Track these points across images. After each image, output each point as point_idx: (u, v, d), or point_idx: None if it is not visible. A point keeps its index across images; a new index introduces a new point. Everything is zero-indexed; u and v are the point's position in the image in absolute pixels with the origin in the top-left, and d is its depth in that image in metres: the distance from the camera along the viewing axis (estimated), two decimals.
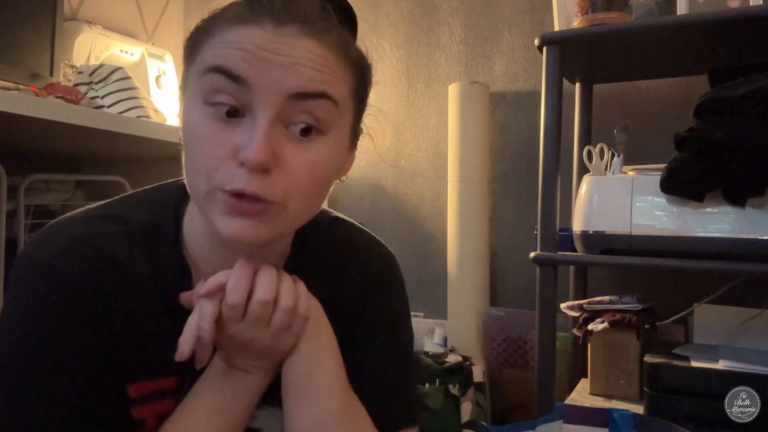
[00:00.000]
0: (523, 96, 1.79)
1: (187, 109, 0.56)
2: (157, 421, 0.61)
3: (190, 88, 0.56)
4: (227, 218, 0.53)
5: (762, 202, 1.09)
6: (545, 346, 1.25)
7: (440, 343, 1.76)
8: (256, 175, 0.52)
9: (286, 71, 0.52)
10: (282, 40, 0.53)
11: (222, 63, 0.52)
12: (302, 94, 0.53)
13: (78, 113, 1.14)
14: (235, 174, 0.52)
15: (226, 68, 0.52)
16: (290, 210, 0.55)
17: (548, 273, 1.25)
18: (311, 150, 0.55)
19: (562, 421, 0.99)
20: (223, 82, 0.52)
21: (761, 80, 1.07)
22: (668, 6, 1.30)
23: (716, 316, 1.36)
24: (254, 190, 0.52)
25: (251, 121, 0.53)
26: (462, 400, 1.55)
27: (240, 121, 0.53)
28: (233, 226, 0.53)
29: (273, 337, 0.59)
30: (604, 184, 1.24)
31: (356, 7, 0.63)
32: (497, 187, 1.81)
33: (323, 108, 0.54)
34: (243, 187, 0.52)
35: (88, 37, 1.62)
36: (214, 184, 0.53)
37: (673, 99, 1.59)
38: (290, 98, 0.53)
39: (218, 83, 0.52)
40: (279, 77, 0.52)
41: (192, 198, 0.59)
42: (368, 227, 0.78)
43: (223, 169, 0.52)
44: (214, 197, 0.53)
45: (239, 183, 0.52)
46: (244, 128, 0.53)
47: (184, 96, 0.57)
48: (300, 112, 0.54)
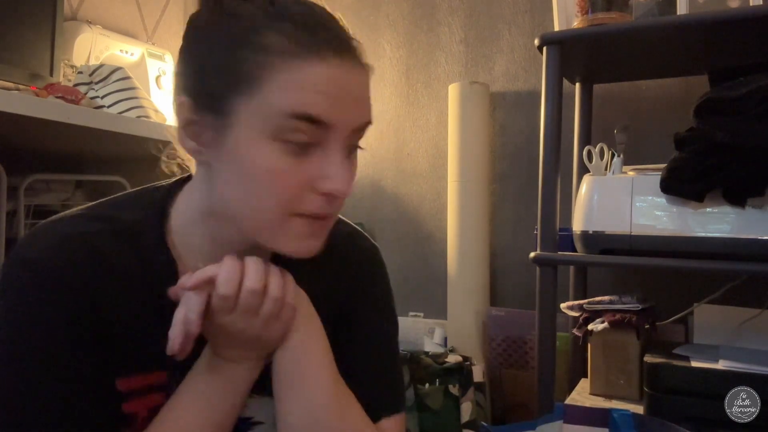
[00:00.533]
0: (523, 96, 1.79)
1: (248, 144, 0.56)
2: (148, 414, 0.62)
3: (245, 120, 0.55)
4: (304, 240, 0.59)
5: (762, 202, 1.09)
6: (545, 346, 1.25)
7: (440, 343, 1.76)
8: (333, 200, 0.58)
9: (356, 108, 0.58)
10: (349, 74, 0.57)
11: (308, 110, 0.54)
12: (363, 127, 0.60)
13: (78, 113, 1.14)
14: (313, 200, 0.57)
15: (314, 116, 0.55)
16: (332, 221, 0.62)
17: (548, 273, 1.25)
18: (353, 166, 0.62)
19: (562, 421, 0.99)
20: (305, 127, 0.55)
21: (761, 80, 1.07)
22: (668, 6, 1.30)
23: (716, 316, 1.36)
24: (330, 212, 0.59)
25: (324, 154, 0.57)
26: (462, 400, 1.55)
27: (311, 152, 0.57)
28: (309, 245, 0.59)
29: (263, 326, 0.60)
30: (604, 184, 1.24)
31: (356, 7, 0.63)
32: (497, 187, 1.81)
33: (366, 130, 0.61)
34: (325, 212, 0.58)
35: (88, 37, 1.62)
36: (291, 211, 0.57)
37: (673, 99, 1.59)
38: (356, 130, 0.59)
39: (301, 127, 0.55)
40: (352, 116, 0.58)
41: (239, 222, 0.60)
42: (368, 227, 0.80)
43: (301, 198, 0.57)
44: (287, 223, 0.58)
45: (321, 209, 0.58)
46: (319, 161, 0.57)
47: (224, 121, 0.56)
48: (356, 139, 0.60)
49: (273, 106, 0.54)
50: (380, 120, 2.01)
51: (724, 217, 1.12)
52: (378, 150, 2.01)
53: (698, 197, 1.12)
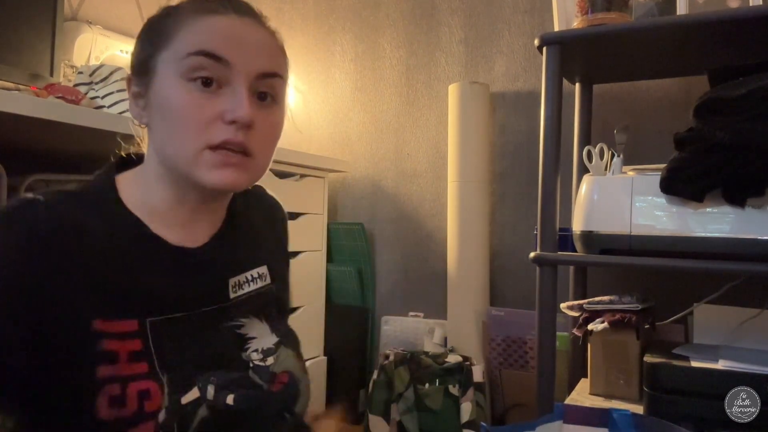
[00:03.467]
0: (523, 96, 1.79)
1: (163, 86, 0.65)
2: (128, 358, 0.63)
3: (162, 70, 0.66)
4: (217, 171, 0.65)
5: (762, 202, 1.09)
6: (545, 346, 1.25)
7: (440, 343, 1.76)
8: (241, 131, 0.65)
9: (256, 54, 0.67)
10: (246, 27, 0.68)
11: (205, 47, 0.64)
12: (267, 74, 0.68)
13: (78, 113, 1.14)
14: (222, 130, 0.65)
15: (210, 51, 0.64)
16: (259, 163, 0.69)
17: (548, 273, 1.25)
18: (272, 115, 0.70)
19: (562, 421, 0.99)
20: (206, 62, 0.64)
21: (761, 80, 1.07)
22: (668, 6, 1.30)
23: (716, 316, 1.36)
24: (241, 140, 0.65)
25: (230, 91, 0.65)
26: (462, 400, 1.55)
27: (218, 91, 0.65)
28: (222, 175, 0.65)
29: None
30: (604, 184, 1.24)
31: (356, 7, 0.65)
32: (497, 187, 1.81)
33: (277, 84, 0.70)
34: (232, 137, 0.64)
35: (88, 37, 1.62)
36: (202, 143, 0.64)
37: (673, 99, 1.59)
38: (258, 76, 0.67)
39: (202, 63, 0.64)
40: (251, 59, 0.67)
41: (170, 162, 0.67)
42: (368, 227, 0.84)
43: (210, 129, 0.64)
44: (201, 156, 0.65)
45: (227, 135, 0.64)
46: (225, 98, 0.65)
47: (150, 77, 0.67)
48: (263, 86, 0.68)
49: (179, 51, 0.65)
50: (380, 120, 2.01)
51: (724, 217, 1.12)
52: (378, 150, 2.01)
53: (698, 197, 1.12)
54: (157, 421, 0.62)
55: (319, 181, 1.82)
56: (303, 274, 1.75)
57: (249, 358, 0.73)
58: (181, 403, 0.64)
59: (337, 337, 1.87)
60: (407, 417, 1.56)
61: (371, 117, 2.02)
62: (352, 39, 2.04)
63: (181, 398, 0.65)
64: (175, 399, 0.64)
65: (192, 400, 0.65)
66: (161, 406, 0.63)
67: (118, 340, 0.62)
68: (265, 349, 0.75)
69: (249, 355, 0.73)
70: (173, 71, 0.65)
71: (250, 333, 0.75)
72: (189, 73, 0.64)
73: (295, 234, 1.74)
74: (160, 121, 0.66)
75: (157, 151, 0.69)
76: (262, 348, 0.75)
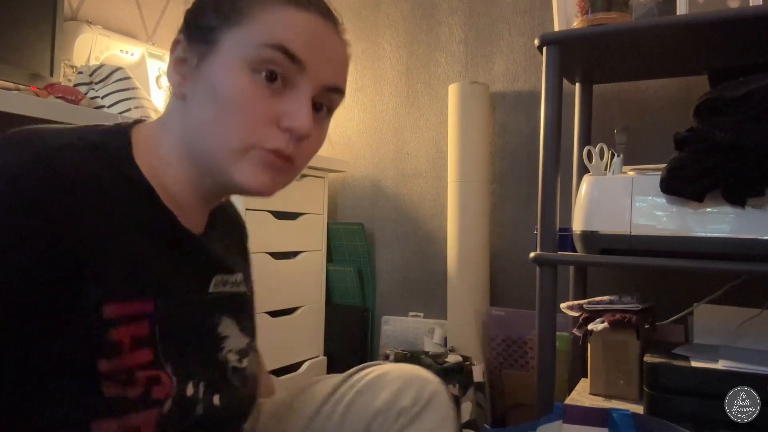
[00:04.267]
0: (523, 96, 1.79)
1: (224, 67, 0.60)
2: (132, 344, 0.57)
3: (227, 47, 0.60)
4: (257, 171, 0.61)
5: (762, 202, 1.09)
6: (545, 346, 1.25)
7: (440, 343, 1.76)
8: (294, 140, 0.61)
9: (329, 64, 0.63)
10: (328, 32, 0.63)
11: (285, 44, 0.60)
12: (333, 87, 0.65)
13: (78, 113, 1.14)
14: (275, 136, 0.60)
15: (289, 50, 0.60)
16: (295, 173, 0.66)
17: (548, 273, 1.25)
18: (323, 128, 0.67)
19: (562, 421, 0.99)
20: (280, 59, 0.60)
21: (761, 80, 1.07)
22: (668, 6, 1.30)
23: (716, 316, 1.36)
24: (291, 153, 0.62)
25: (294, 95, 0.61)
26: (462, 400, 1.55)
27: (282, 91, 0.61)
28: (261, 178, 0.61)
29: None
30: (604, 184, 1.24)
31: (356, 7, 0.65)
32: (497, 187, 1.81)
33: (337, 99, 0.67)
34: (284, 148, 0.61)
35: (88, 37, 1.62)
36: (252, 142, 0.60)
37: (673, 99, 1.59)
38: (325, 87, 0.63)
39: (276, 58, 0.60)
40: (324, 68, 0.63)
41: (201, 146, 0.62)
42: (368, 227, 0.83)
43: (263, 130, 0.60)
44: (246, 153, 0.60)
45: (280, 144, 0.61)
46: (287, 100, 0.61)
47: (209, 48, 0.61)
48: (324, 98, 0.65)
49: (255, 37, 0.60)
50: (380, 120, 2.01)
51: (724, 217, 1.12)
52: (378, 150, 2.01)
53: (698, 197, 1.12)
54: (162, 410, 0.58)
55: (319, 181, 1.82)
56: (303, 274, 1.75)
57: (226, 359, 0.70)
58: (186, 395, 0.61)
59: (337, 337, 1.87)
60: None
61: (371, 117, 2.02)
62: (352, 39, 2.03)
63: (186, 390, 0.61)
64: (182, 389, 0.61)
65: (191, 394, 0.62)
66: (169, 395, 0.59)
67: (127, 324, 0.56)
68: (239, 350, 0.72)
69: (225, 355, 0.70)
70: (240, 54, 0.60)
71: (224, 332, 0.71)
72: (258, 63, 0.59)
73: (295, 234, 1.75)
74: (205, 101, 0.61)
75: (188, 129, 0.63)
76: (237, 348, 0.72)
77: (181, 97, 0.63)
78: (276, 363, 1.62)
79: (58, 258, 0.52)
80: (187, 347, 0.63)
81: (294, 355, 1.70)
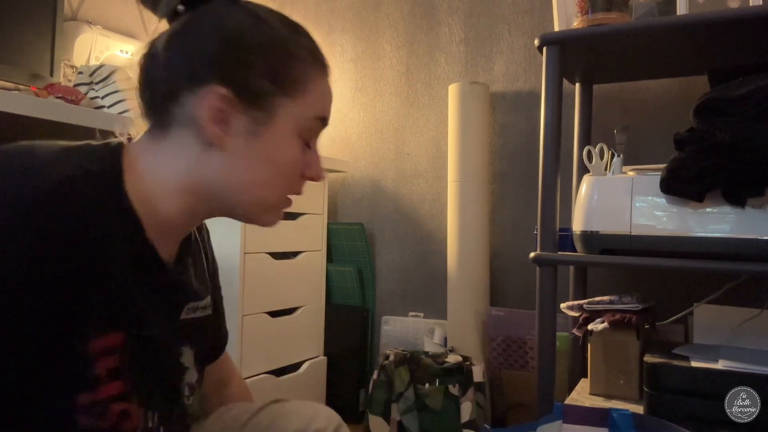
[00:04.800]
0: (523, 96, 1.79)
1: (282, 138, 0.65)
2: (109, 376, 0.58)
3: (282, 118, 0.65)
4: (280, 215, 0.70)
5: (762, 202, 1.09)
6: (545, 346, 1.25)
7: (440, 343, 1.76)
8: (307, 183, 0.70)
9: None
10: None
11: (325, 114, 0.69)
12: None
13: (78, 113, 1.14)
14: (300, 184, 0.70)
15: (326, 118, 0.69)
16: None
17: (548, 273, 1.25)
18: None
19: (562, 421, 0.99)
20: (320, 127, 0.69)
21: (761, 80, 1.07)
22: (668, 6, 1.30)
23: (716, 316, 1.36)
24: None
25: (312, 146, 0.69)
26: (462, 400, 1.55)
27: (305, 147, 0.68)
28: (278, 217, 0.70)
29: None
30: (604, 184, 1.24)
31: (356, 7, 0.65)
32: (497, 187, 1.81)
33: None
34: (300, 190, 0.70)
35: (88, 37, 1.62)
36: (285, 193, 0.69)
37: (673, 99, 1.59)
38: None
39: (319, 128, 0.69)
40: None
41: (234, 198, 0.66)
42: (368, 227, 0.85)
43: (296, 182, 0.69)
44: (278, 205, 0.69)
45: (300, 188, 0.70)
46: (308, 153, 0.69)
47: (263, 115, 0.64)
48: None
49: (308, 111, 0.66)
50: (380, 120, 2.01)
51: (724, 217, 1.12)
52: (378, 150, 2.01)
53: (698, 197, 1.12)
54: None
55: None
56: (303, 274, 1.75)
57: (182, 391, 0.70)
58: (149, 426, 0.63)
59: (337, 337, 1.87)
60: (407, 417, 1.56)
61: (371, 117, 2.02)
62: (352, 39, 2.04)
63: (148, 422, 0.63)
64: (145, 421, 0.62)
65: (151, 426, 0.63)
66: (137, 428, 0.61)
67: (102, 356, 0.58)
68: (191, 384, 0.72)
69: (183, 387, 0.70)
70: (294, 126, 0.65)
71: (186, 363, 0.71)
72: (306, 133, 0.67)
73: (295, 234, 1.75)
74: (258, 164, 0.64)
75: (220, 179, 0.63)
76: (191, 382, 0.72)
77: (220, 149, 0.63)
78: (276, 363, 1.62)
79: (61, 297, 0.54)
80: (151, 378, 0.64)
81: (294, 355, 1.71)
